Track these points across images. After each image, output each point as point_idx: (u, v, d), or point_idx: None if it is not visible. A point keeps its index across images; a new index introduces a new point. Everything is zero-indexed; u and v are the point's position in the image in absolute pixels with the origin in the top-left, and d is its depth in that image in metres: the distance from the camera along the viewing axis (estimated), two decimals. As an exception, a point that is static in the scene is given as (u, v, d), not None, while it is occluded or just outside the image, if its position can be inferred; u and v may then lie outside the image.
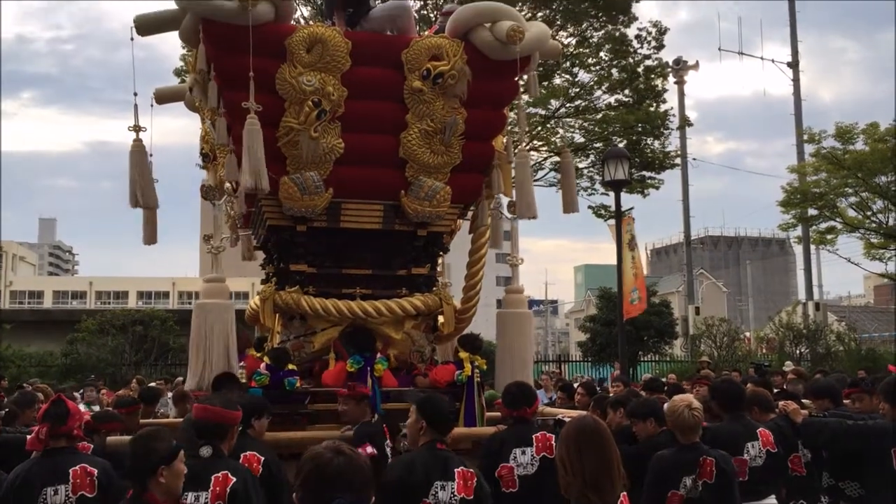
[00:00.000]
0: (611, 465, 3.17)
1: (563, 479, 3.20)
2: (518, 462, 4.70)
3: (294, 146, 5.89)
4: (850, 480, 5.56)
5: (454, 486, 3.85)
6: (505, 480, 4.69)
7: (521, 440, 4.77)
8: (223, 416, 3.91)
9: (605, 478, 3.13)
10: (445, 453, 4.01)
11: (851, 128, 21.35)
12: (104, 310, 26.72)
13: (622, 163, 13.96)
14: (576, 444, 3.19)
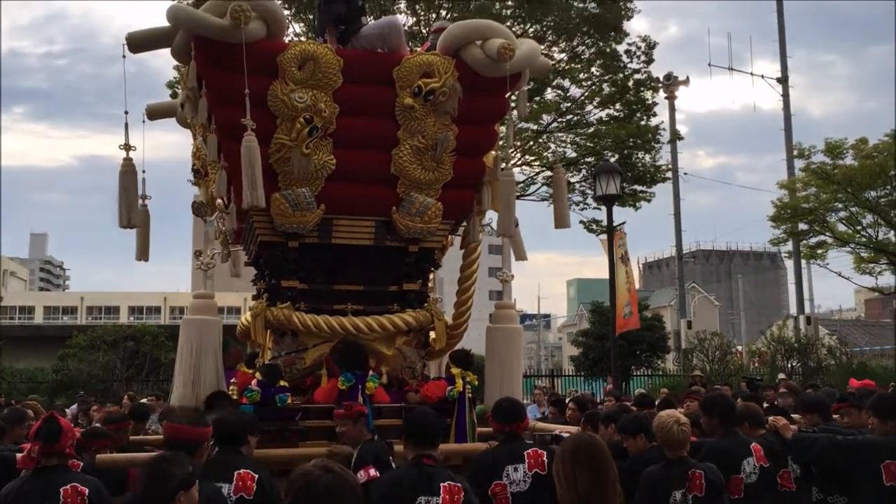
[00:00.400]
0: (605, 482, 3.22)
1: (560, 493, 3.25)
2: (511, 479, 4.65)
3: (285, 163, 5.90)
4: (838, 495, 5.58)
5: (439, 501, 3.89)
6: (498, 498, 4.64)
7: (513, 457, 4.73)
8: (191, 434, 3.93)
9: (598, 495, 3.18)
10: (432, 469, 4.04)
11: (841, 143, 21.52)
12: (95, 325, 26.61)
13: (614, 177, 14.03)
14: (571, 460, 3.25)
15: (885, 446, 5.06)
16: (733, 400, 5.60)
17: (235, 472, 4.20)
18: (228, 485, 4.14)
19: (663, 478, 4.54)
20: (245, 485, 4.18)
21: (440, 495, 3.89)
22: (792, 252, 26.91)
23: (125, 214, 6.38)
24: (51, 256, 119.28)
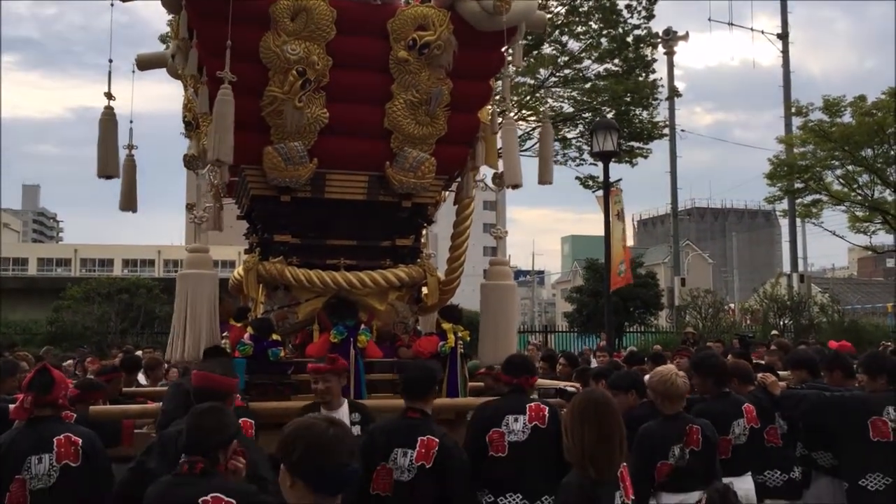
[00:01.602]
0: (611, 440, 3.31)
1: (566, 445, 3.37)
2: (510, 429, 4.74)
3: (278, 116, 5.84)
4: (822, 451, 5.67)
5: (414, 454, 4.11)
6: (495, 445, 4.74)
7: (515, 408, 4.81)
8: (222, 385, 3.90)
9: (603, 451, 3.27)
10: (415, 421, 4.23)
11: (839, 101, 21.40)
12: (89, 277, 26.63)
13: (611, 134, 13.93)
14: (579, 415, 3.35)
15: (873, 402, 5.14)
16: (724, 359, 5.63)
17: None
18: None
19: (662, 433, 4.61)
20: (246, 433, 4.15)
21: (416, 448, 4.10)
22: (787, 210, 26.92)
23: (104, 164, 6.32)
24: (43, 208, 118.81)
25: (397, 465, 4.16)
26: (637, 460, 4.59)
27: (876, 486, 4.98)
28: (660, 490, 4.59)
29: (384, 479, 4.18)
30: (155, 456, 3.69)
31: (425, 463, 4.14)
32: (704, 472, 4.53)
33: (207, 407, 3.28)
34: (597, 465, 3.24)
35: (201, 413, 3.20)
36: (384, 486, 4.18)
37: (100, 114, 6.44)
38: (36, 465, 3.95)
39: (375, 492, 4.18)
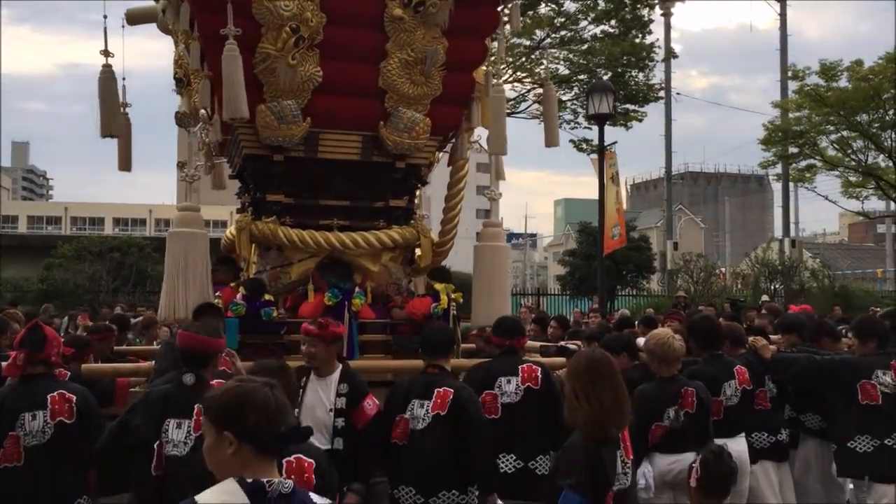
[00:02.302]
0: (624, 398, 3.34)
1: (573, 410, 3.31)
2: (503, 390, 4.79)
3: (271, 73, 5.75)
4: (811, 413, 5.73)
5: (430, 404, 4.38)
6: (487, 407, 4.78)
7: (507, 370, 4.85)
8: (208, 345, 3.87)
9: (617, 413, 3.29)
10: (432, 376, 4.51)
11: (836, 65, 21.27)
12: (80, 236, 26.52)
13: (607, 96, 13.85)
14: (590, 376, 3.31)
15: (863, 366, 5.18)
16: (718, 322, 5.65)
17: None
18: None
19: (658, 395, 4.65)
20: None
21: (432, 399, 4.38)
22: (780, 175, 26.92)
23: (106, 123, 6.25)
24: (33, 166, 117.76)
25: (414, 416, 4.42)
26: (632, 421, 4.63)
27: (864, 447, 5.04)
28: (653, 451, 4.64)
29: (401, 429, 4.46)
30: (138, 414, 3.68)
31: (440, 412, 4.37)
32: (698, 434, 4.58)
33: (269, 364, 3.33)
34: (610, 427, 3.27)
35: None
36: (400, 436, 4.46)
37: (91, 71, 6.35)
38: (30, 422, 3.95)
39: (394, 440, 4.47)
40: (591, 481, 3.17)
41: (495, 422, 4.76)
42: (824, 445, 5.65)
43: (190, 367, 3.80)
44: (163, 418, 3.60)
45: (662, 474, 4.61)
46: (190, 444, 3.56)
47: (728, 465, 3.42)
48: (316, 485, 2.98)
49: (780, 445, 5.54)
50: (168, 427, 3.59)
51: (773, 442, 5.49)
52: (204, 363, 3.83)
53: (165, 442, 3.58)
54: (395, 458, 4.53)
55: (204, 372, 3.80)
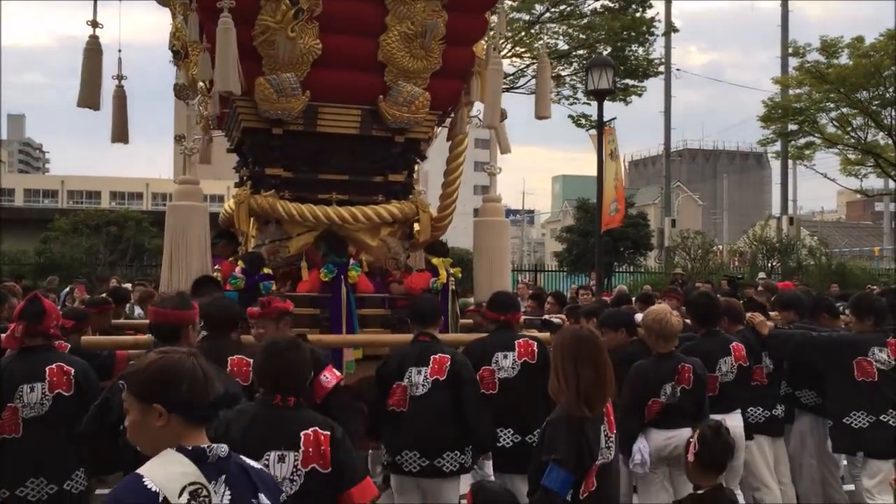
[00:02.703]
0: (606, 379, 3.30)
1: (554, 385, 3.32)
2: (500, 365, 4.83)
3: (270, 46, 5.70)
4: (807, 389, 5.77)
5: (427, 370, 4.50)
6: (485, 382, 4.83)
7: (504, 345, 4.88)
8: (176, 318, 3.85)
9: (598, 391, 3.26)
10: (426, 343, 4.62)
11: (836, 41, 21.15)
12: (77, 209, 26.47)
13: (606, 72, 13.74)
14: (573, 356, 3.29)
15: (859, 343, 5.21)
16: (717, 299, 5.66)
17: (229, 359, 4.16)
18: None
19: (655, 371, 4.66)
20: (240, 371, 4.14)
21: (429, 365, 4.51)
22: (779, 152, 26.87)
23: (85, 94, 6.20)
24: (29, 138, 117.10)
25: (412, 383, 4.53)
26: (629, 397, 4.66)
27: (860, 423, 5.08)
28: (650, 427, 4.66)
29: (398, 397, 4.57)
30: (119, 392, 3.67)
31: (439, 377, 4.51)
32: (694, 410, 4.61)
33: (298, 342, 3.30)
34: (591, 404, 3.25)
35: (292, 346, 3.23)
36: (399, 402, 4.57)
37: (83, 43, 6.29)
38: (28, 394, 3.96)
39: (391, 407, 4.57)
40: (576, 456, 3.19)
41: (493, 397, 4.79)
42: (819, 421, 5.69)
43: (164, 342, 3.77)
44: None
45: (658, 449, 4.65)
46: None
47: (726, 440, 3.44)
48: (332, 458, 3.02)
49: (775, 420, 5.59)
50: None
51: (768, 417, 5.53)
52: (175, 336, 3.80)
53: None
54: (394, 424, 4.59)
55: (178, 345, 3.76)
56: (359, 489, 3.07)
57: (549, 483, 3.11)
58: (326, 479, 3.01)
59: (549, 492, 3.11)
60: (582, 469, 3.20)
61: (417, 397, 4.53)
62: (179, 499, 2.00)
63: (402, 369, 4.56)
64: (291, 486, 2.96)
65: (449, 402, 4.53)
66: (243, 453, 2.91)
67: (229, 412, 3.22)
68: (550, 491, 3.10)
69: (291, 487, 2.96)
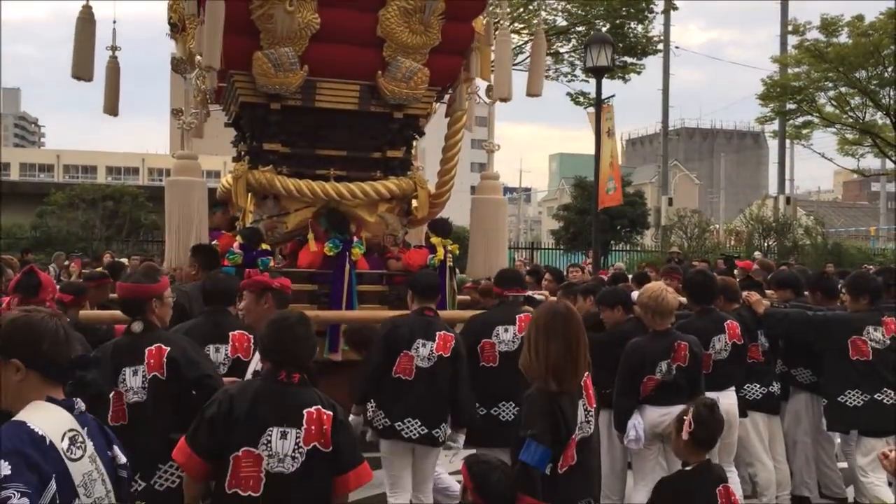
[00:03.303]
0: (577, 355, 3.24)
1: (525, 361, 3.29)
2: (500, 339, 4.88)
3: (268, 20, 5.68)
4: (802, 368, 5.79)
5: (434, 345, 4.60)
6: (486, 354, 4.90)
7: (505, 319, 4.92)
8: (139, 290, 3.80)
9: (569, 366, 3.22)
10: (431, 318, 4.70)
11: (837, 20, 21.02)
12: (73, 184, 26.38)
13: (605, 49, 13.65)
14: (545, 329, 3.25)
15: (855, 322, 5.22)
16: (714, 278, 5.66)
17: (230, 334, 4.16)
18: (225, 346, 4.12)
19: (650, 348, 4.67)
20: (241, 346, 4.14)
21: (435, 340, 4.61)
22: (776, 132, 26.81)
23: (79, 64, 6.17)
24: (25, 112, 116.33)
25: (419, 354, 4.62)
26: (625, 374, 4.69)
27: (854, 402, 5.11)
28: (644, 403, 4.69)
29: (404, 366, 4.63)
30: (98, 366, 3.67)
31: (443, 353, 4.62)
32: (689, 388, 4.63)
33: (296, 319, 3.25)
34: (559, 379, 3.20)
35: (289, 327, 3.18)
36: (406, 371, 4.63)
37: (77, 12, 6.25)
38: None
39: (397, 375, 4.63)
40: (552, 430, 3.15)
41: (494, 370, 4.83)
42: (814, 399, 5.72)
43: (132, 315, 3.78)
44: (117, 368, 3.60)
45: (653, 426, 4.67)
46: (146, 388, 3.57)
47: (720, 418, 3.48)
48: (332, 438, 3.01)
49: (771, 397, 5.61)
50: (125, 376, 3.58)
51: (765, 394, 5.55)
52: (142, 308, 3.75)
53: (125, 391, 3.57)
54: (398, 391, 4.64)
55: (148, 317, 3.74)
56: (355, 473, 3.08)
57: (526, 458, 3.09)
58: (326, 459, 3.00)
59: (527, 466, 3.08)
60: (559, 443, 3.17)
61: (424, 370, 4.63)
62: (62, 443, 2.07)
63: (413, 339, 4.63)
64: (293, 463, 2.95)
65: (449, 377, 4.65)
66: (246, 427, 2.95)
67: (233, 386, 3.21)
68: (528, 465, 3.08)
69: (293, 465, 2.95)
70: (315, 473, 2.99)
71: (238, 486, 2.92)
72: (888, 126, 21.50)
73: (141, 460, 3.47)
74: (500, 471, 3.08)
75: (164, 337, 3.72)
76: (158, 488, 3.51)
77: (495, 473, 3.05)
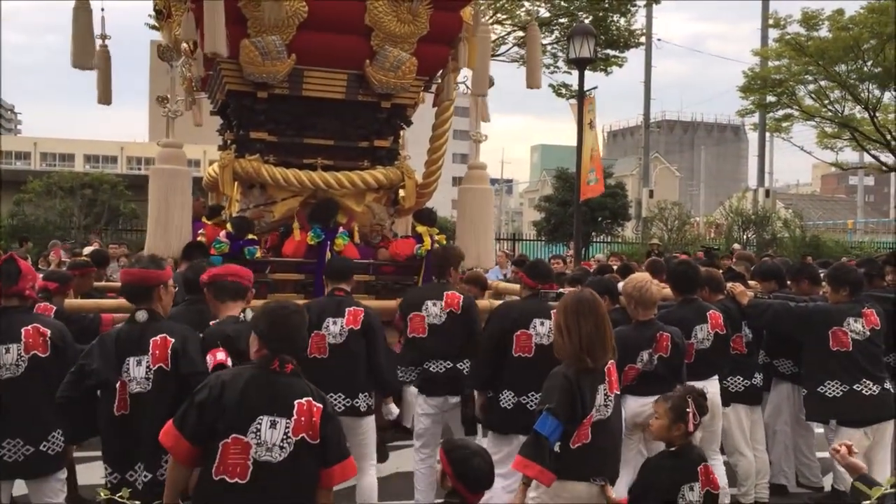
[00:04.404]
0: (606, 333, 3.62)
1: (559, 343, 3.64)
2: (537, 331, 4.83)
3: (256, 7, 5.64)
4: (784, 359, 5.86)
5: (343, 321, 4.78)
6: (522, 345, 4.83)
7: (540, 312, 4.88)
8: (144, 278, 3.77)
9: (599, 343, 3.57)
10: (341, 298, 4.90)
11: (817, 14, 21.18)
12: (51, 171, 26.09)
13: (588, 40, 13.68)
14: (575, 311, 3.61)
15: (835, 313, 5.27)
16: (698, 269, 5.70)
17: (211, 323, 4.10)
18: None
19: (633, 338, 4.72)
20: None
21: (345, 316, 4.80)
22: (756, 125, 27.01)
23: (79, 53, 6.12)
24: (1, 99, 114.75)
25: (330, 332, 4.79)
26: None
27: (833, 392, 5.17)
28: (626, 394, 4.70)
29: (318, 344, 4.79)
30: (95, 357, 3.64)
31: (354, 327, 4.79)
32: (671, 378, 4.67)
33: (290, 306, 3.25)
34: (593, 355, 3.53)
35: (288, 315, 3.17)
36: (319, 350, 4.80)
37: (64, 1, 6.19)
38: (3, 355, 3.91)
39: (312, 355, 4.75)
40: (568, 407, 3.45)
41: (528, 360, 4.79)
42: (796, 390, 5.80)
43: (135, 302, 3.75)
44: (121, 358, 3.57)
45: (634, 416, 4.72)
46: (151, 378, 3.55)
47: (706, 406, 3.74)
48: (321, 431, 3.01)
49: (753, 389, 5.68)
50: (128, 366, 3.55)
51: (747, 386, 5.62)
52: (147, 297, 3.73)
53: (128, 381, 3.54)
54: (316, 369, 4.53)
55: (152, 306, 3.72)
56: (341, 467, 3.09)
57: (540, 428, 3.41)
58: (313, 451, 3.01)
59: (540, 436, 3.41)
60: (573, 421, 3.47)
61: (336, 345, 4.81)
62: None
63: (322, 319, 4.78)
64: (281, 452, 2.96)
65: (362, 349, 4.84)
66: (236, 414, 2.95)
67: (225, 372, 3.21)
68: (541, 435, 3.41)
69: (281, 454, 2.96)
70: (302, 464, 2.99)
71: (225, 473, 2.93)
72: (867, 120, 21.73)
73: (145, 451, 3.50)
74: (480, 456, 3.17)
75: (168, 327, 3.70)
76: (163, 479, 3.50)
77: (475, 459, 3.13)
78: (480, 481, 3.12)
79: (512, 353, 4.82)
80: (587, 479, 3.59)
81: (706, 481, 3.67)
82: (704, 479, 3.66)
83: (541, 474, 3.42)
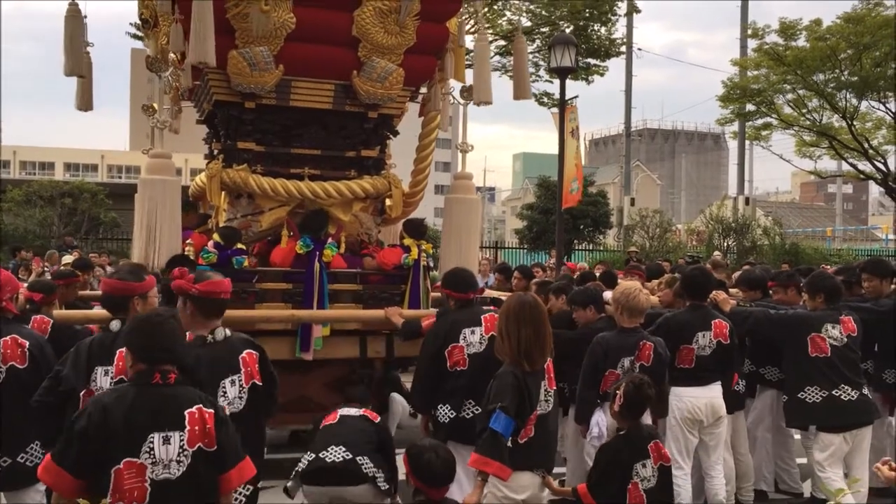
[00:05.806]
0: (544, 339, 3.79)
1: (499, 345, 3.82)
2: (468, 341, 4.70)
3: (244, 19, 5.68)
4: (770, 366, 5.94)
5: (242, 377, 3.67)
6: (455, 359, 4.70)
7: (470, 321, 4.77)
8: (121, 288, 3.76)
9: (536, 348, 3.74)
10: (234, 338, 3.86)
11: (795, 24, 21.46)
12: (30, 180, 25.87)
13: (569, 49, 13.80)
14: (515, 316, 3.77)
15: (813, 320, 5.35)
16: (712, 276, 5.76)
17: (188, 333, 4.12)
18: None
19: (616, 344, 4.79)
20: None
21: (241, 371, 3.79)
22: (736, 133, 27.27)
23: (71, 61, 6.14)
24: None
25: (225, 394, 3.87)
26: (587, 366, 4.83)
27: (813, 398, 5.24)
28: (605, 401, 4.71)
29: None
30: (69, 364, 3.61)
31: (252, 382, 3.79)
32: (652, 388, 4.72)
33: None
34: (530, 360, 3.71)
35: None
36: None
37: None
38: None
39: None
40: (518, 404, 3.64)
41: (463, 373, 4.64)
42: (780, 396, 5.86)
43: (114, 313, 3.73)
44: (90, 367, 3.53)
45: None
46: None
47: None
48: (216, 436, 2.94)
49: (735, 395, 5.75)
50: (96, 375, 3.52)
51: (730, 393, 5.69)
52: (123, 306, 3.72)
53: (96, 390, 3.47)
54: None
55: (130, 316, 3.65)
56: (237, 470, 3.03)
57: (495, 425, 3.56)
58: (211, 458, 2.93)
59: (496, 433, 3.57)
60: (522, 417, 3.68)
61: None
62: None
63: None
64: (178, 467, 2.85)
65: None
66: (124, 437, 2.79)
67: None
68: (497, 432, 3.57)
69: (178, 469, 2.85)
70: (201, 474, 2.90)
71: (122, 500, 2.79)
72: (844, 129, 22.00)
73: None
74: (433, 451, 3.33)
75: None
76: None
77: (426, 454, 3.31)
78: (435, 476, 3.28)
79: (447, 369, 4.69)
80: (531, 470, 3.82)
81: (658, 456, 3.87)
82: (656, 455, 3.87)
83: (500, 470, 3.59)
